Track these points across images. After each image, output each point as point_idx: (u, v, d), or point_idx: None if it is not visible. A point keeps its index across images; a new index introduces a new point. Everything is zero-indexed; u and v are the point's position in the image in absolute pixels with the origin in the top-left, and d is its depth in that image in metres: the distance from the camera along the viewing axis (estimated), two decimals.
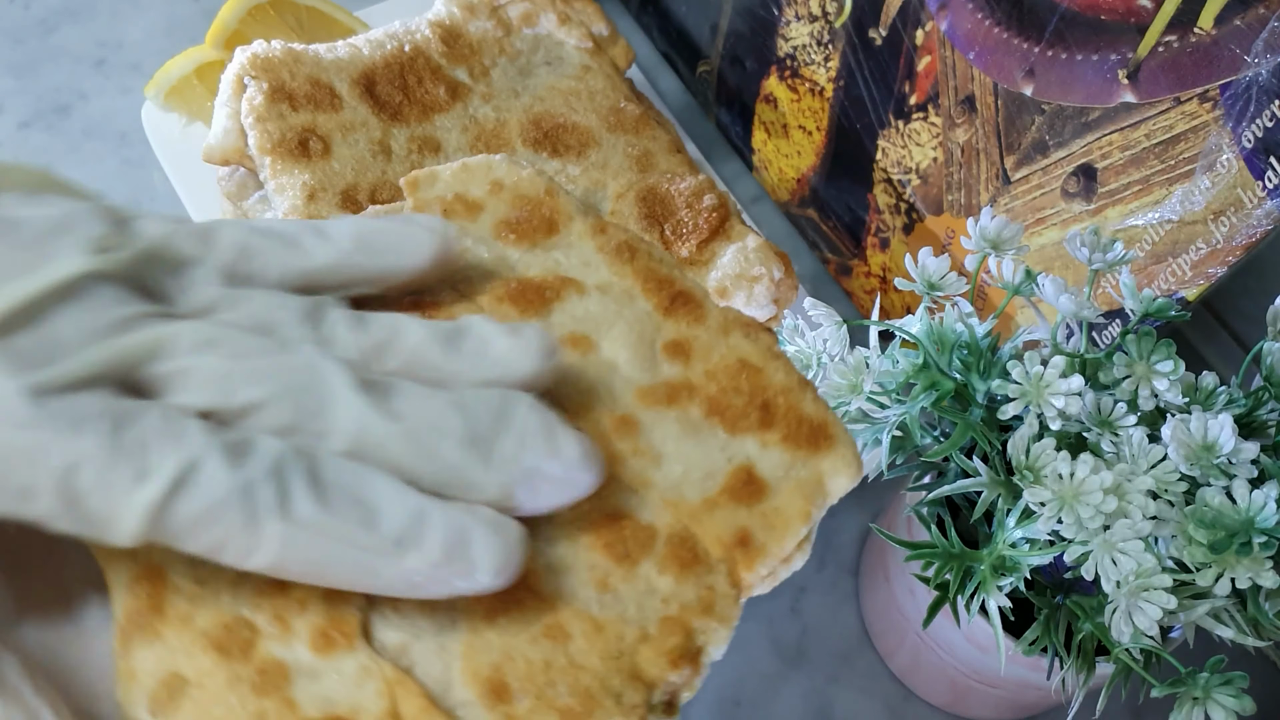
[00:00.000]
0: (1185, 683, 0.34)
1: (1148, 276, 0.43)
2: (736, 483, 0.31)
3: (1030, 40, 0.44)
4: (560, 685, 0.29)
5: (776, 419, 0.32)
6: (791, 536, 0.31)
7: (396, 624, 0.29)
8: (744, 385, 0.33)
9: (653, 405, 0.32)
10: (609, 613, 0.30)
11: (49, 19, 0.72)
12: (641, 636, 0.30)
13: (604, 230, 0.36)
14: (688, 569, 0.30)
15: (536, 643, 0.29)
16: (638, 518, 0.31)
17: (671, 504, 0.31)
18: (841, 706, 0.54)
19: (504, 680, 0.29)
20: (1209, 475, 0.34)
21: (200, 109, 0.61)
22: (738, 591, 0.30)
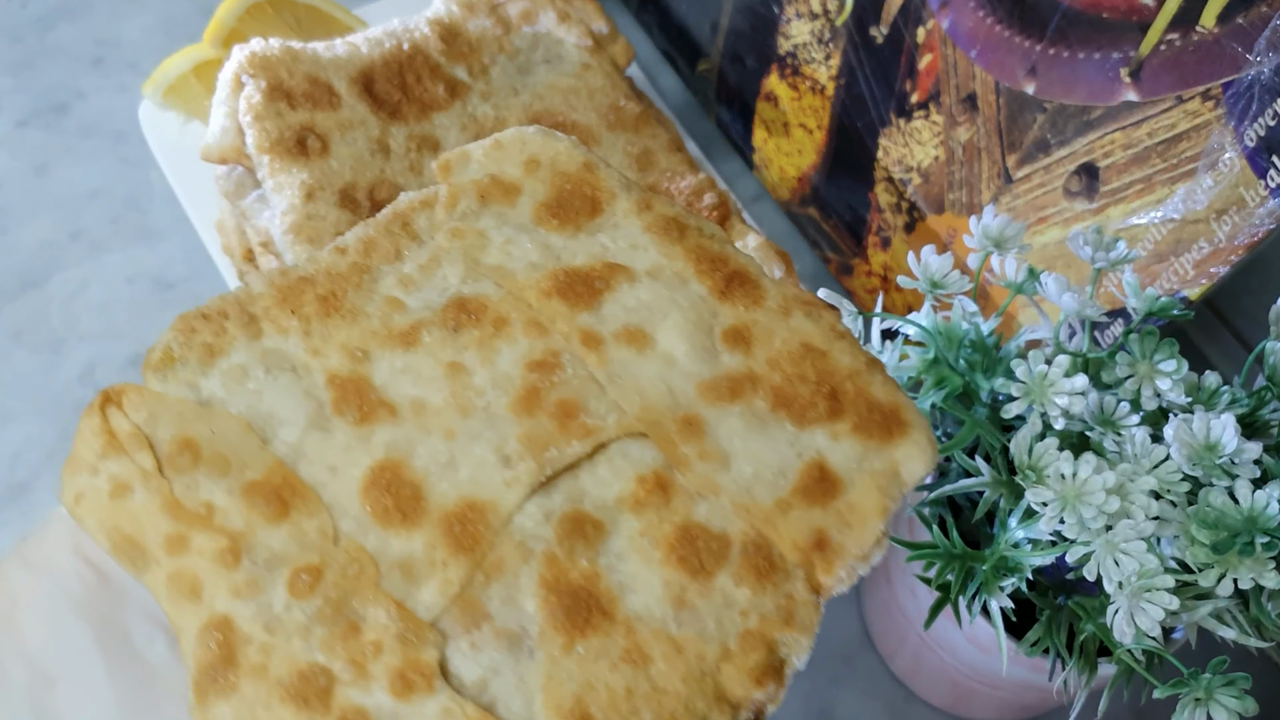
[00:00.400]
0: (1187, 684, 0.34)
1: (1150, 276, 0.43)
2: (809, 480, 0.30)
3: (1032, 38, 0.44)
4: (644, 712, 0.28)
5: (846, 406, 0.31)
6: (870, 534, 0.29)
7: (474, 659, 0.28)
8: (810, 371, 0.31)
9: (716, 401, 0.31)
10: (687, 631, 0.29)
11: (46, 17, 0.71)
12: (723, 654, 0.29)
13: (649, 206, 0.34)
14: (765, 578, 0.29)
15: (617, 669, 0.28)
16: (710, 527, 0.30)
17: (743, 508, 0.30)
18: (843, 708, 0.53)
19: (587, 711, 0.28)
20: (1211, 475, 0.34)
21: (198, 107, 0.61)
22: (817, 597, 0.29)
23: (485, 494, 0.30)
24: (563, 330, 0.32)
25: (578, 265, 0.33)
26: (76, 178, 0.65)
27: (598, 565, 0.29)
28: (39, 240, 0.63)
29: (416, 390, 0.31)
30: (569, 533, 0.30)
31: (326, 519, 0.30)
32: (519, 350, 0.32)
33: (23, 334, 0.60)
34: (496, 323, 0.32)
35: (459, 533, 0.29)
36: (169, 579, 0.29)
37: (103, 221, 0.64)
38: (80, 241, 0.63)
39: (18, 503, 0.55)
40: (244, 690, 0.28)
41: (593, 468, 0.31)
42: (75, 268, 0.62)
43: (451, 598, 0.29)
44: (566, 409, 0.31)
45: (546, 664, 0.28)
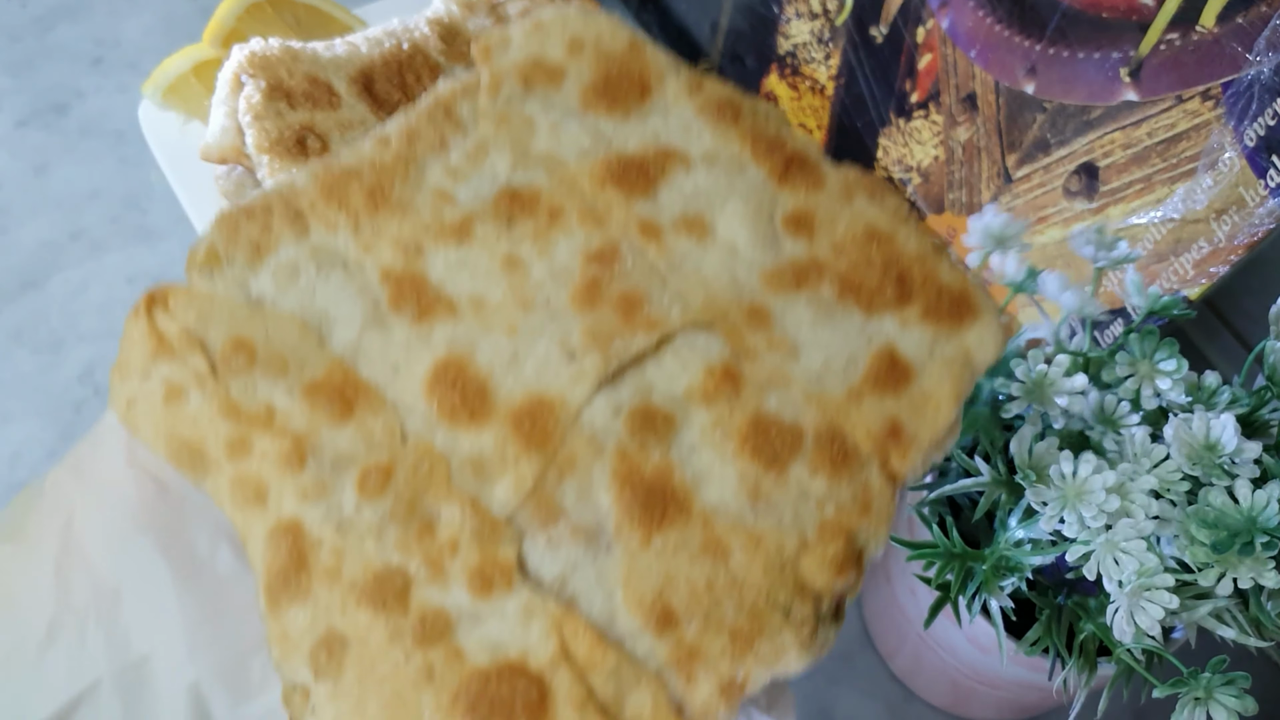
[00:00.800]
0: (1187, 683, 0.34)
1: (1150, 275, 0.43)
2: (880, 368, 0.30)
3: (1032, 38, 0.44)
4: (726, 604, 0.27)
5: (914, 291, 0.30)
6: (943, 420, 0.29)
7: (552, 556, 0.28)
8: (875, 257, 0.31)
9: (781, 289, 0.30)
10: (765, 522, 0.28)
11: (46, 17, 0.71)
12: (802, 545, 0.28)
13: (701, 87, 0.33)
14: (840, 468, 0.29)
15: (696, 561, 0.28)
16: (782, 418, 0.29)
17: (815, 398, 0.29)
18: (842, 708, 0.53)
19: (669, 605, 0.27)
20: (1211, 475, 0.34)
21: (198, 107, 0.61)
22: (894, 486, 0.29)
23: (552, 389, 0.29)
24: (620, 220, 0.31)
25: (630, 151, 0.32)
26: (76, 178, 0.65)
27: (670, 459, 0.29)
28: (39, 240, 0.63)
29: (474, 285, 0.30)
30: (640, 426, 0.29)
31: (393, 417, 0.29)
32: (576, 241, 0.31)
33: (23, 334, 0.60)
34: (551, 213, 0.31)
35: (529, 429, 0.29)
36: (232, 484, 0.28)
37: (103, 221, 0.64)
38: (80, 241, 0.63)
39: None
40: (318, 594, 0.27)
41: (659, 361, 0.30)
42: (75, 268, 0.62)
43: (525, 494, 0.28)
44: (629, 301, 0.30)
45: (625, 559, 0.28)
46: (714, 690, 0.27)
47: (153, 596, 0.28)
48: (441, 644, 0.27)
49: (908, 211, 0.31)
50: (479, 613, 0.27)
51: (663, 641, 0.27)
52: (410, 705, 0.26)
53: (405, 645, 0.26)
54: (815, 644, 0.27)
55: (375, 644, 0.26)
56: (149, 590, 0.28)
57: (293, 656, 0.27)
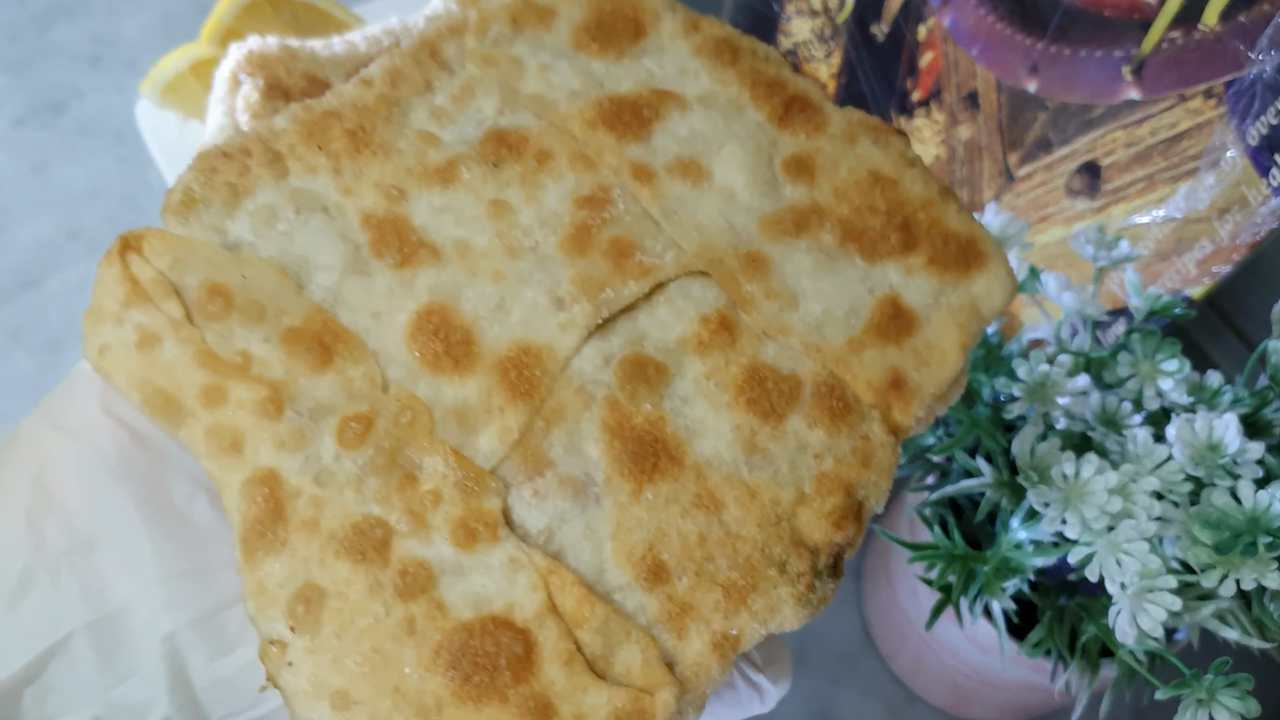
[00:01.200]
0: (1190, 685, 0.34)
1: (1152, 275, 0.43)
2: (882, 317, 0.29)
3: (1034, 36, 0.44)
4: (719, 558, 0.27)
5: (920, 238, 0.29)
6: (948, 371, 0.28)
7: (538, 507, 0.27)
8: (879, 202, 0.30)
9: (780, 236, 0.29)
10: (760, 475, 0.27)
11: (44, 16, 0.71)
12: (799, 498, 0.27)
13: (697, 27, 0.32)
14: (839, 419, 0.28)
15: (688, 515, 0.27)
16: (779, 368, 0.28)
17: (814, 348, 0.28)
18: (843, 708, 0.53)
19: (659, 558, 0.27)
20: (1214, 475, 0.33)
21: (196, 106, 0.61)
22: (895, 438, 0.28)
23: (540, 338, 0.28)
24: (611, 163, 0.30)
25: (623, 93, 0.31)
26: (74, 177, 0.65)
27: (663, 409, 0.28)
28: (37, 240, 0.63)
29: (459, 230, 0.29)
30: (630, 376, 0.28)
31: (373, 365, 0.28)
32: (566, 186, 0.30)
33: (21, 334, 0.60)
34: (540, 156, 0.30)
35: (515, 378, 0.28)
36: (207, 433, 0.27)
37: (101, 221, 0.64)
38: (78, 241, 0.63)
39: None
40: (295, 545, 0.26)
41: (652, 309, 0.29)
42: (73, 267, 0.62)
43: (511, 444, 0.27)
44: (621, 247, 0.29)
45: (615, 511, 0.27)
46: (706, 646, 0.26)
47: (128, 548, 0.27)
48: (423, 597, 0.26)
49: (913, 155, 0.31)
50: (462, 565, 0.26)
51: (653, 596, 0.26)
52: (391, 659, 0.25)
53: (385, 598, 0.26)
54: (812, 599, 0.27)
55: (354, 597, 0.26)
56: (124, 541, 0.27)
57: (269, 609, 0.26)
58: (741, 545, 0.27)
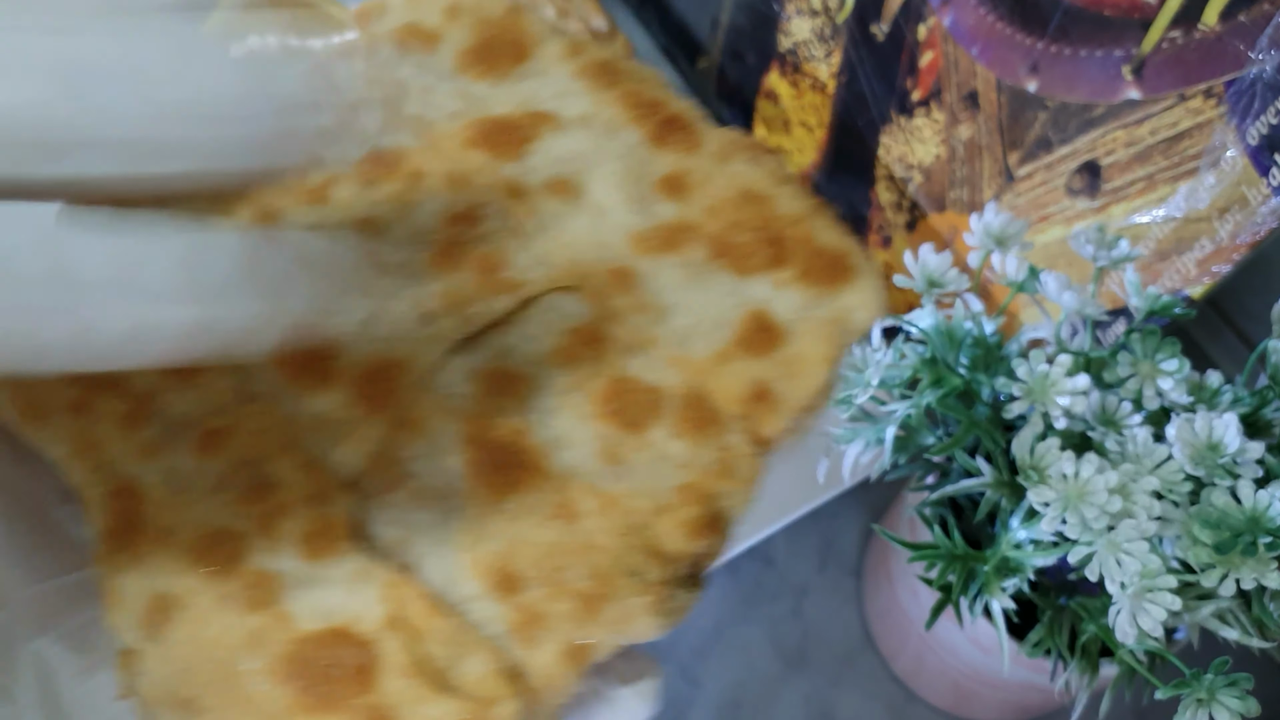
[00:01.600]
0: (1190, 685, 0.34)
1: (1153, 274, 0.43)
2: (749, 330, 0.29)
3: (1034, 36, 0.44)
4: (574, 568, 0.27)
5: (789, 254, 0.29)
6: (813, 383, 0.28)
7: (393, 519, 0.27)
8: (750, 218, 0.30)
9: (651, 252, 0.29)
10: (620, 485, 0.27)
11: None
12: (657, 508, 0.27)
13: (580, 51, 0.32)
14: (702, 430, 0.28)
15: (545, 525, 0.27)
16: (643, 380, 0.28)
17: (679, 361, 0.29)
18: (844, 709, 0.53)
19: (512, 569, 0.26)
20: (1214, 475, 0.33)
21: None
22: (760, 449, 0.28)
23: (404, 351, 0.28)
24: (485, 181, 0.30)
25: (501, 114, 0.31)
26: None
27: (526, 421, 0.28)
28: None
29: None
30: (495, 389, 0.28)
31: (239, 378, 0.28)
32: (438, 203, 0.30)
33: None
34: (413, 175, 0.30)
35: (376, 390, 0.28)
36: (71, 443, 0.27)
37: None
38: None
39: None
40: (148, 558, 0.26)
41: (520, 323, 0.29)
42: None
43: (369, 456, 0.28)
44: (490, 263, 0.29)
45: (470, 522, 0.27)
46: (556, 655, 0.26)
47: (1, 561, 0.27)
48: (270, 608, 0.26)
49: (787, 173, 0.31)
50: (310, 577, 0.26)
51: (505, 606, 0.26)
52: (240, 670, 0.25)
53: (233, 609, 0.26)
54: (668, 609, 0.27)
55: (204, 607, 0.26)
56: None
57: (124, 619, 0.26)
58: (597, 555, 0.27)
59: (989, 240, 0.38)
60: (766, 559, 0.56)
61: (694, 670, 0.53)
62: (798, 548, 0.57)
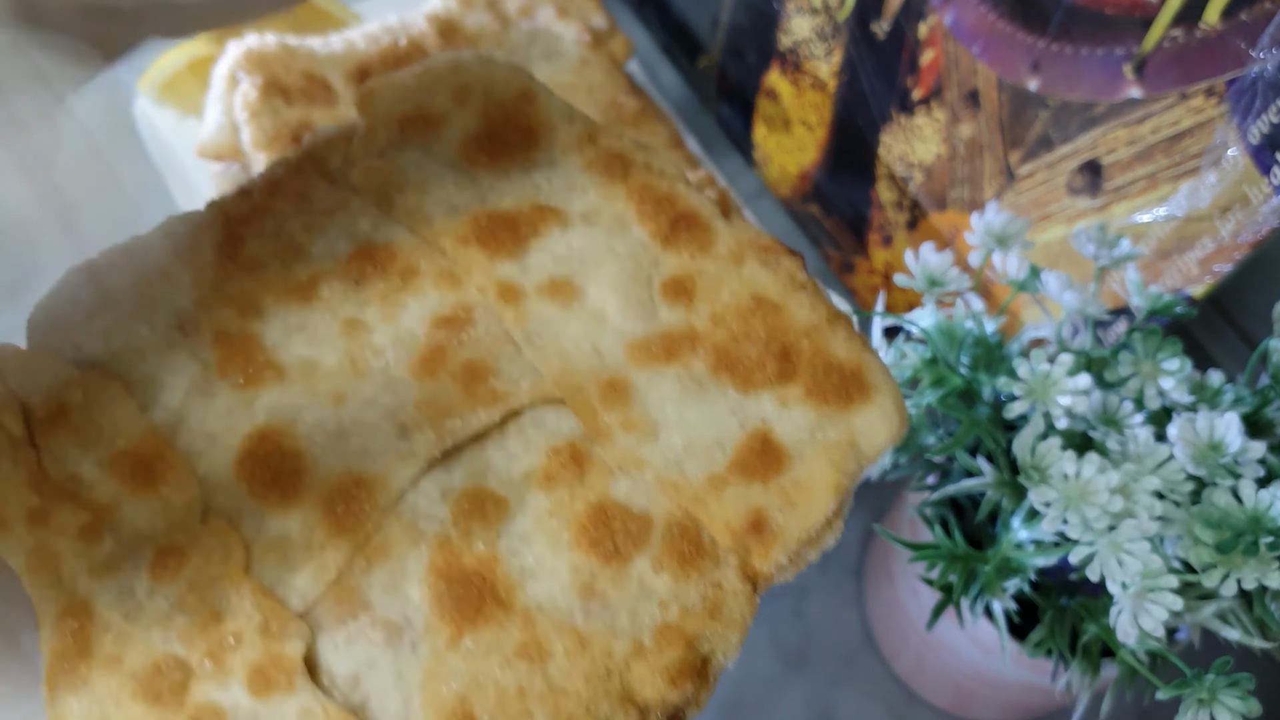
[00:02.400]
0: (1191, 685, 0.34)
1: (1154, 273, 0.43)
2: (749, 452, 0.27)
3: (1035, 34, 0.44)
4: (538, 715, 0.25)
5: (799, 368, 0.27)
6: (817, 514, 0.26)
7: (348, 652, 0.25)
8: (759, 328, 0.28)
9: (648, 363, 0.27)
10: (595, 624, 0.25)
11: None
12: (635, 650, 0.25)
13: (594, 139, 0.30)
14: (689, 564, 0.26)
15: (510, 665, 0.25)
16: (629, 506, 0.26)
17: (670, 485, 0.26)
18: (844, 709, 0.53)
19: (471, 713, 0.25)
20: (1215, 475, 0.33)
21: (194, 104, 0.61)
22: (751, 586, 0.26)
23: (375, 468, 0.27)
24: (479, 282, 0.29)
25: (503, 208, 0.29)
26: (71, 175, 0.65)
27: (497, 548, 0.26)
28: None
29: (309, 350, 0.28)
30: (467, 512, 0.26)
31: (195, 494, 0.27)
32: (427, 304, 0.28)
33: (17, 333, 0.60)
34: (405, 273, 0.29)
35: (341, 512, 0.26)
36: (28, 556, 0.26)
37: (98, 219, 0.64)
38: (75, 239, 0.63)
39: None
40: (95, 683, 0.25)
41: (501, 439, 0.27)
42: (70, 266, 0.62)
43: (327, 584, 0.26)
44: (474, 372, 0.28)
45: (429, 659, 0.25)
46: None
47: None
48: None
49: (805, 278, 0.29)
50: (256, 713, 0.25)
51: None
52: None
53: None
54: None
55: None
56: None
57: None
58: (564, 700, 0.25)
59: (990, 239, 0.38)
60: None
61: None
62: None
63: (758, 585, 0.26)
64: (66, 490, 0.27)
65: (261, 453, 0.27)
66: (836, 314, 0.28)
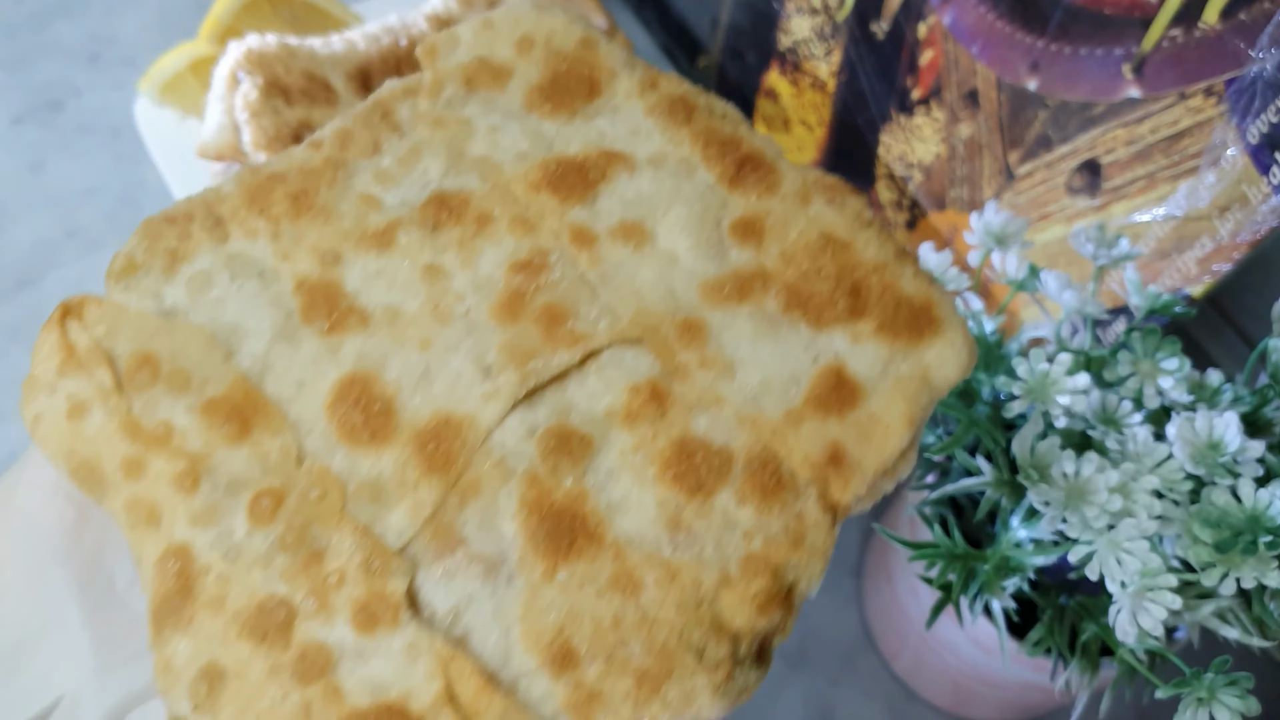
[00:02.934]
0: (1190, 684, 0.34)
1: (1153, 273, 0.43)
2: (824, 388, 0.27)
3: (1034, 34, 0.44)
4: (633, 644, 0.25)
5: (870, 304, 0.28)
6: (892, 446, 0.27)
7: (446, 588, 0.26)
8: (829, 266, 0.29)
9: (722, 302, 0.28)
10: (683, 555, 0.26)
11: (42, 13, 0.71)
12: (723, 580, 0.26)
13: (655, 85, 0.31)
14: (771, 496, 0.27)
15: (603, 596, 0.26)
16: (710, 441, 0.27)
17: (749, 420, 0.27)
18: (843, 708, 0.53)
19: (569, 643, 0.25)
20: (1214, 474, 0.33)
21: (194, 104, 0.61)
22: (832, 517, 0.27)
23: (462, 408, 0.28)
24: (552, 227, 0.29)
25: (571, 154, 0.30)
26: (72, 175, 0.65)
27: (584, 484, 0.27)
28: (35, 238, 0.63)
29: (390, 296, 0.29)
30: (553, 449, 0.27)
31: (290, 439, 0.27)
32: (503, 250, 0.29)
33: (19, 332, 0.60)
34: (479, 220, 0.30)
35: (432, 451, 0.27)
36: (126, 505, 0.27)
37: (99, 219, 0.64)
38: (76, 239, 0.63)
39: None
40: (201, 623, 0.26)
41: (582, 378, 0.28)
42: (71, 265, 0.62)
43: (423, 521, 0.27)
44: (553, 314, 0.28)
45: (526, 592, 0.26)
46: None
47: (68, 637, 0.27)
48: (321, 681, 0.25)
49: (871, 215, 0.30)
50: (362, 650, 0.26)
51: (560, 683, 0.25)
52: None
53: (284, 681, 0.25)
54: (731, 689, 0.25)
55: (254, 679, 0.25)
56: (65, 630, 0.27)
57: (174, 688, 0.25)
58: (658, 629, 0.26)
59: (989, 239, 0.38)
60: None
61: None
62: None
63: (837, 515, 0.27)
64: (158, 438, 0.28)
65: (351, 397, 0.28)
66: (903, 250, 0.29)
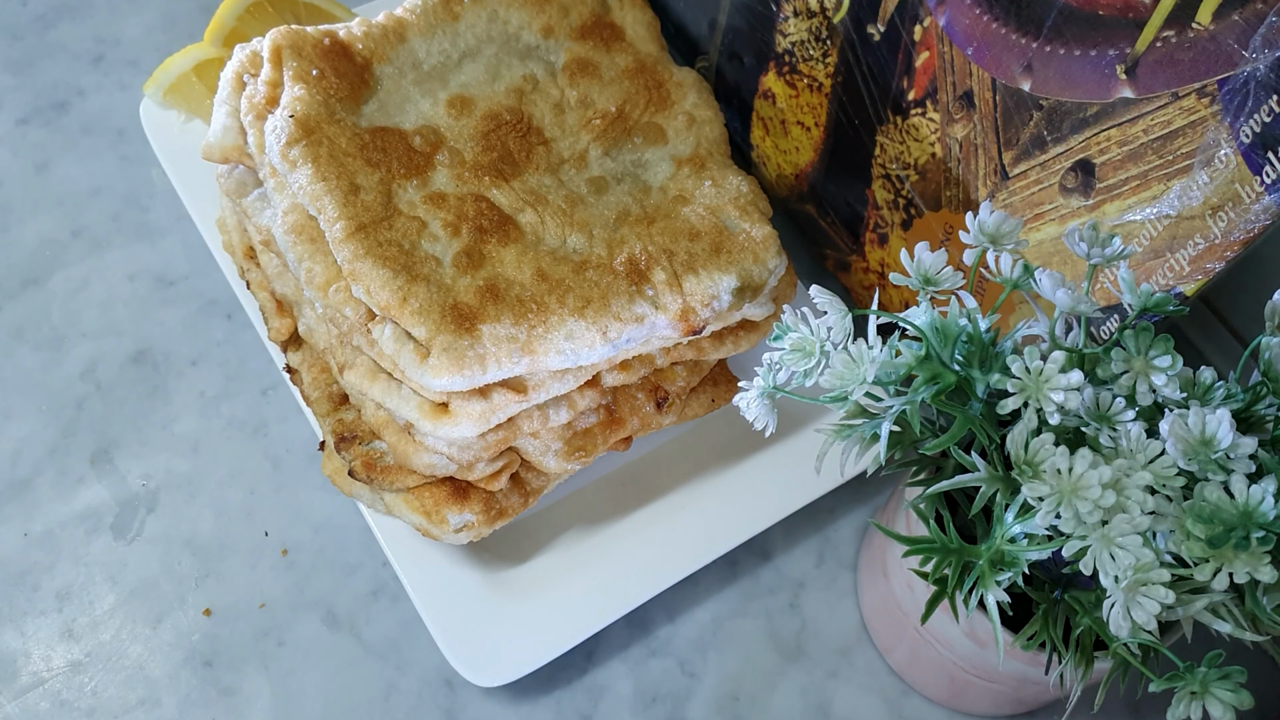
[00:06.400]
0: (1183, 677, 0.34)
1: (1146, 272, 0.43)
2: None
3: (1028, 35, 0.44)
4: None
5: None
6: None
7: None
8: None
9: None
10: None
11: (47, 15, 0.71)
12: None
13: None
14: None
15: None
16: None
17: None
18: (840, 702, 0.54)
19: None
20: (1207, 470, 0.34)
21: (199, 106, 0.61)
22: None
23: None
24: None
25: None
26: (77, 175, 0.65)
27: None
28: (40, 238, 0.63)
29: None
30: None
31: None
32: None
33: (24, 331, 0.60)
34: None
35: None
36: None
37: (104, 219, 0.64)
38: (81, 239, 0.63)
39: (19, 498, 0.56)
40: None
41: None
42: (76, 265, 0.62)
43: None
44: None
45: None
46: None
47: None
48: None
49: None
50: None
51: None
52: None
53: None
54: None
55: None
56: None
57: None
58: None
59: (984, 238, 0.38)
60: (764, 554, 0.57)
61: (693, 663, 0.54)
62: (795, 542, 0.57)
63: None
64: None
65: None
66: None
